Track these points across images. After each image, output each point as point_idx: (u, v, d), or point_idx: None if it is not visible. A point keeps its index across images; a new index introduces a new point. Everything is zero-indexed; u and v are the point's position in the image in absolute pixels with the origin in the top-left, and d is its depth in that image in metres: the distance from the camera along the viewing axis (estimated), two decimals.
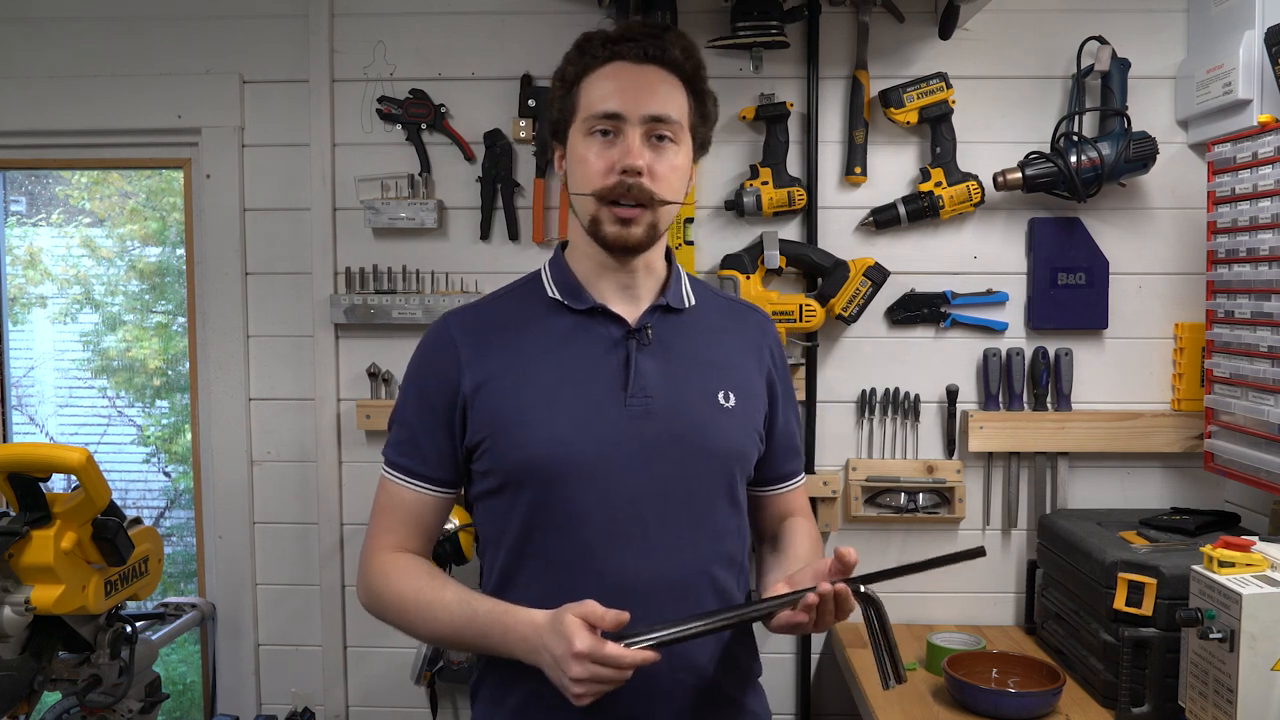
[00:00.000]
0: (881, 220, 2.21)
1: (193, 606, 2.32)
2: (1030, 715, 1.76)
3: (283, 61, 2.28)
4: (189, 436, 2.51)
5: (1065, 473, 2.26)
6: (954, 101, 2.16)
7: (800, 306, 2.17)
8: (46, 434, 2.76)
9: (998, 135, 2.22)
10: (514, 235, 2.28)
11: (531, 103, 2.24)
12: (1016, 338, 2.26)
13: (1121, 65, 2.15)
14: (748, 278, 2.17)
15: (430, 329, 1.35)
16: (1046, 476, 2.25)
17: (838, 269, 2.18)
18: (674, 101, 1.26)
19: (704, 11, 2.20)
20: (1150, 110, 2.20)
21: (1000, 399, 2.24)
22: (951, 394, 2.25)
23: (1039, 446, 2.23)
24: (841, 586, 1.14)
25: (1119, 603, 1.75)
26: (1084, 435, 2.22)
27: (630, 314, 1.31)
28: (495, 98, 2.27)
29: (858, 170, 2.22)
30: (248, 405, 2.34)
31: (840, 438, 2.29)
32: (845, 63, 2.23)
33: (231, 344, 2.33)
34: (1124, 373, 2.26)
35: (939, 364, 2.27)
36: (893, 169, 2.25)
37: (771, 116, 2.19)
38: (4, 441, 2.52)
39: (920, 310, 2.26)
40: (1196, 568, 1.56)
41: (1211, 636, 1.46)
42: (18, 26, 2.30)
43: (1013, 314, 2.27)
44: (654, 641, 1.11)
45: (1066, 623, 1.99)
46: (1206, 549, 1.55)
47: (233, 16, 2.29)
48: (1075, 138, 2.13)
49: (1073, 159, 2.11)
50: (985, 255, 2.25)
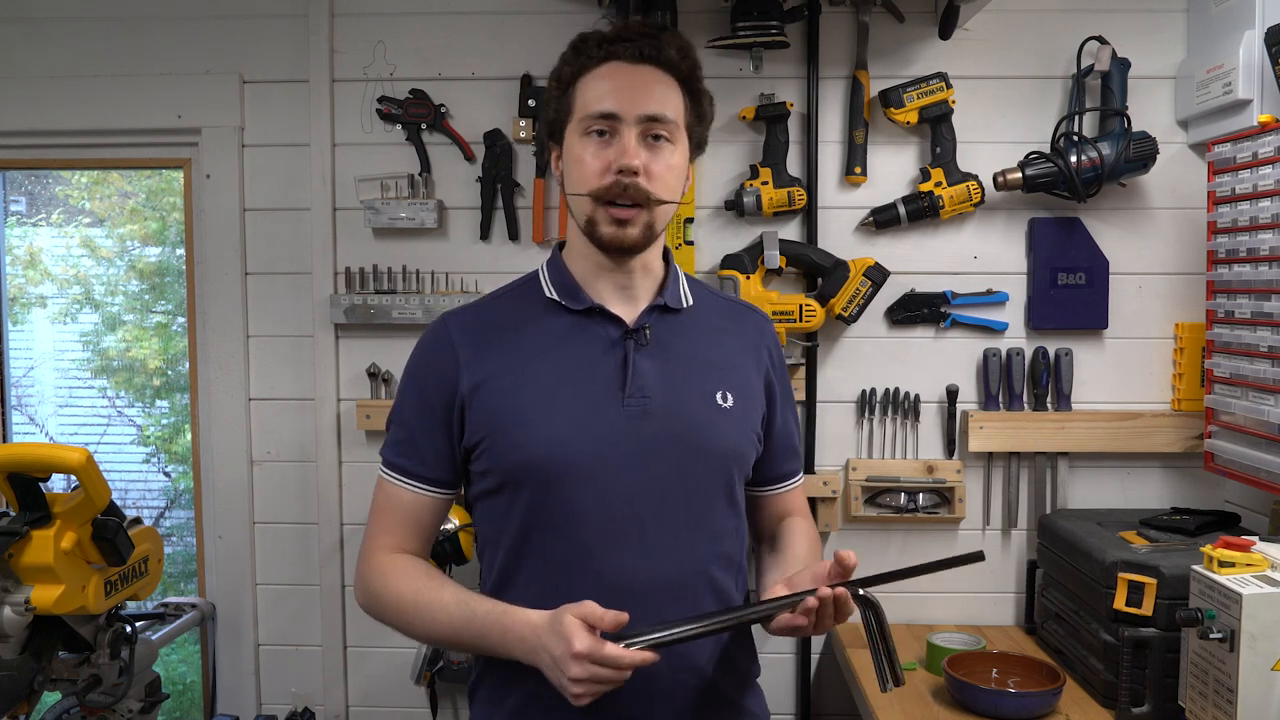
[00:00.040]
0: (881, 220, 2.21)
1: (193, 606, 2.32)
2: (1030, 715, 1.76)
3: (283, 61, 2.29)
4: (189, 436, 2.51)
5: (1065, 473, 2.26)
6: (954, 101, 2.16)
7: (800, 306, 2.17)
8: (46, 434, 2.76)
9: (998, 135, 2.22)
10: (514, 235, 2.28)
11: (531, 103, 2.24)
12: (1016, 338, 2.26)
13: (1121, 65, 2.14)
14: (748, 278, 2.17)
15: (428, 329, 1.35)
16: (1046, 476, 2.25)
17: (838, 269, 2.18)
18: (670, 101, 1.26)
19: (704, 11, 2.20)
20: (1150, 110, 2.20)
21: (1000, 399, 2.24)
22: (951, 394, 2.25)
23: (1039, 446, 2.23)
24: (841, 590, 1.14)
25: (1119, 603, 1.75)
26: (1084, 435, 2.22)
27: (628, 314, 1.31)
28: (495, 98, 2.27)
29: (858, 170, 2.22)
30: (248, 405, 2.34)
31: (840, 438, 2.29)
32: (845, 63, 2.23)
33: (231, 344, 2.33)
34: (1124, 373, 2.26)
35: (939, 364, 2.27)
36: (893, 169, 2.25)
37: (771, 116, 2.19)
38: (4, 441, 2.52)
39: (920, 310, 2.26)
40: (1196, 568, 1.56)
41: (1211, 636, 1.46)
42: (18, 26, 2.31)
43: (1013, 314, 2.27)
44: (653, 642, 1.11)
45: (1066, 623, 1.99)
46: (1206, 549, 1.55)
47: (233, 16, 2.29)
48: (1075, 138, 2.13)
49: (1073, 159, 2.11)
50: (985, 255, 2.26)
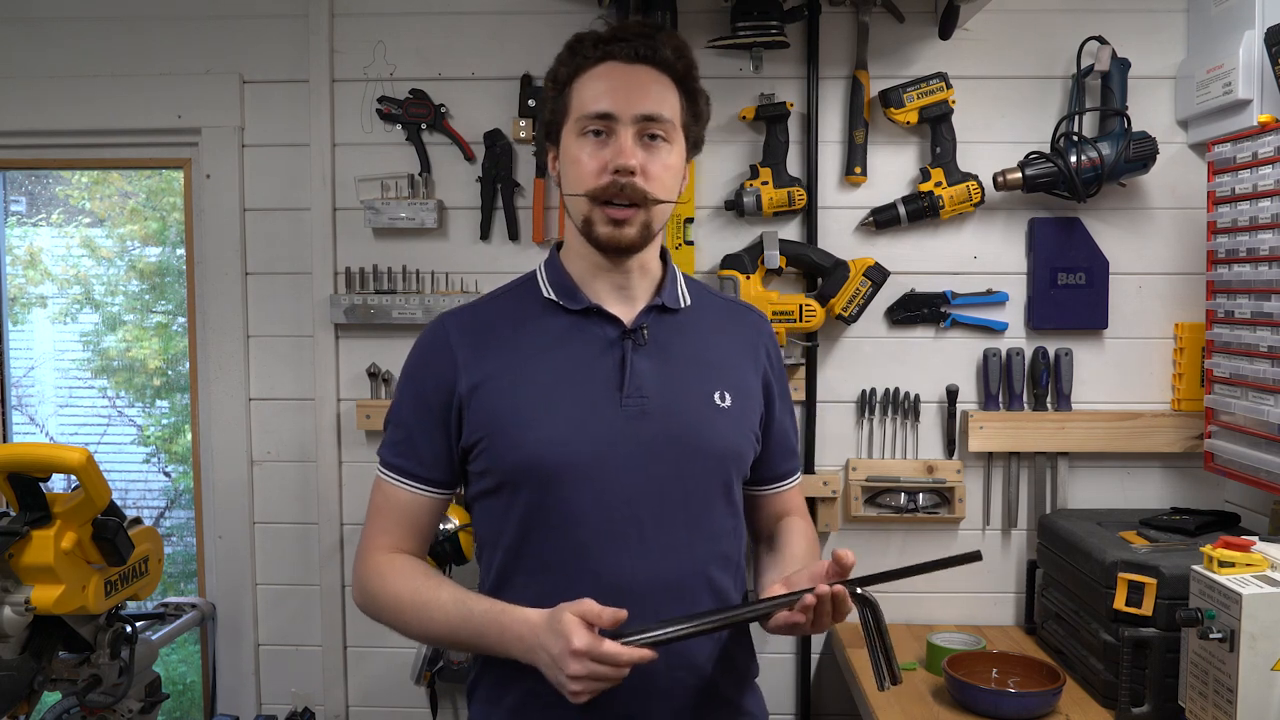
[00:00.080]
0: (881, 220, 2.21)
1: (193, 606, 2.32)
2: (1030, 715, 1.76)
3: (283, 61, 2.29)
4: (189, 436, 2.51)
5: (1065, 473, 2.25)
6: (954, 101, 2.16)
7: (800, 306, 2.17)
8: (46, 434, 2.76)
9: (998, 135, 2.22)
10: (514, 235, 2.28)
11: (531, 103, 2.24)
12: (1016, 338, 2.26)
13: (1121, 65, 2.14)
14: (748, 278, 2.17)
15: (426, 329, 1.35)
16: (1046, 476, 2.25)
17: (838, 269, 2.18)
18: (666, 101, 1.26)
19: (704, 11, 2.20)
20: (1150, 110, 2.20)
21: (1000, 399, 2.24)
22: (951, 394, 2.25)
23: (1039, 446, 2.23)
24: (839, 588, 1.14)
25: (1119, 603, 1.75)
26: (1084, 435, 2.22)
27: (626, 314, 1.31)
28: (495, 98, 2.27)
29: (858, 170, 2.22)
30: (248, 405, 2.34)
31: (840, 438, 2.29)
32: (845, 63, 2.23)
33: (231, 344, 2.33)
34: (1124, 373, 2.26)
35: (939, 364, 2.27)
36: (893, 169, 2.25)
37: (771, 116, 2.19)
38: (4, 441, 2.52)
39: (920, 310, 2.25)
40: (1196, 568, 1.56)
41: (1211, 636, 1.46)
42: (18, 26, 2.31)
43: (1013, 314, 2.26)
44: (651, 640, 1.11)
45: (1066, 623, 1.99)
46: (1206, 549, 1.55)
47: (233, 16, 2.29)
48: (1075, 138, 2.13)
49: (1073, 159, 2.11)
50: (985, 255, 2.25)
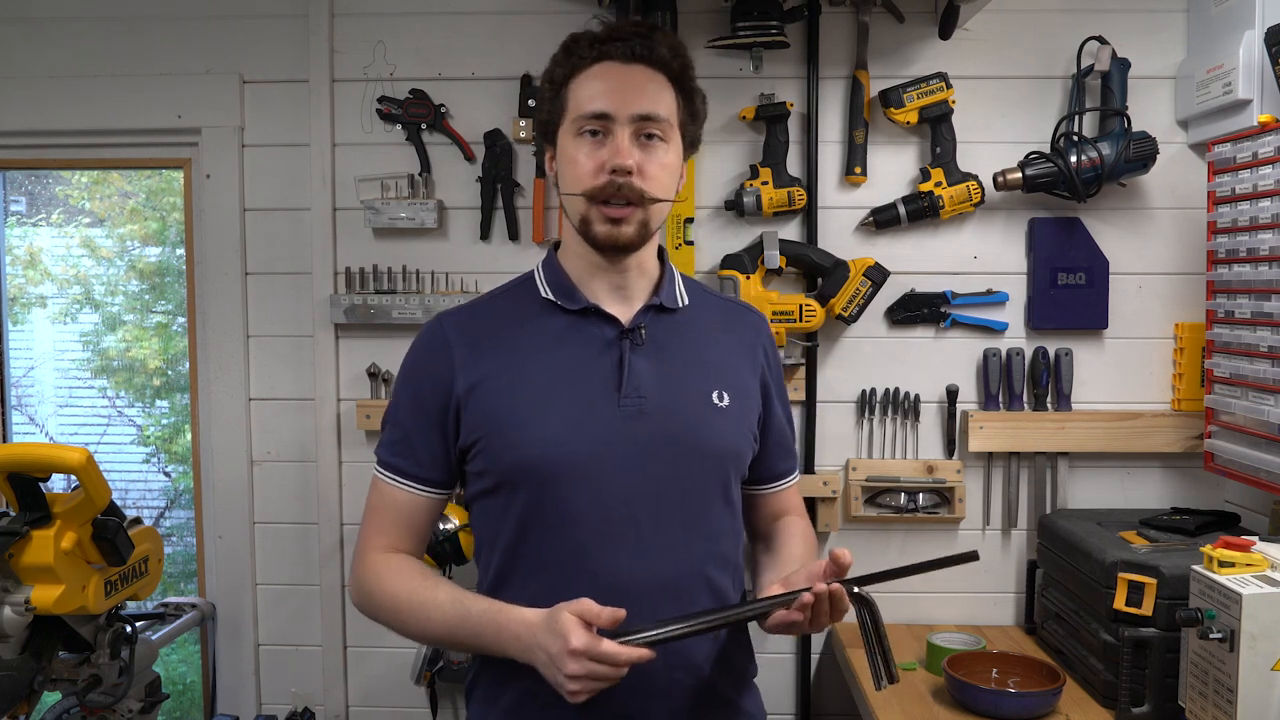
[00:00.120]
0: (881, 220, 2.21)
1: (193, 606, 2.32)
2: (1030, 715, 1.76)
3: (283, 61, 2.29)
4: (189, 436, 2.51)
5: (1065, 473, 2.25)
6: (954, 101, 2.16)
7: (800, 306, 2.17)
8: (46, 434, 2.76)
9: (998, 135, 2.22)
10: (514, 235, 2.28)
11: (531, 103, 2.24)
12: (1016, 338, 2.26)
13: (1121, 65, 2.14)
14: (748, 278, 2.17)
15: (424, 329, 1.35)
16: (1046, 476, 2.25)
17: (838, 269, 2.18)
18: (663, 100, 1.26)
19: (704, 11, 2.20)
20: (1150, 110, 2.20)
21: (1000, 399, 2.24)
22: (951, 394, 2.25)
23: (1039, 446, 2.23)
24: (837, 587, 1.14)
25: (1119, 603, 1.75)
26: (1084, 435, 2.22)
27: (623, 314, 1.31)
28: (495, 98, 2.27)
29: (858, 170, 2.22)
30: (248, 405, 2.34)
31: (840, 438, 2.29)
32: (845, 63, 2.23)
33: (231, 344, 2.33)
34: (1124, 373, 2.26)
35: (939, 364, 2.27)
36: (893, 169, 2.25)
37: (771, 116, 2.19)
38: (4, 441, 2.52)
39: (920, 310, 2.25)
40: (1196, 568, 1.56)
41: (1211, 636, 1.46)
42: (18, 26, 2.31)
43: (1013, 314, 2.26)
44: (649, 639, 1.11)
45: (1066, 623, 1.99)
46: (1206, 549, 1.55)
47: (233, 16, 2.29)
48: (1075, 138, 2.13)
49: (1073, 159, 2.11)
50: (985, 255, 2.25)
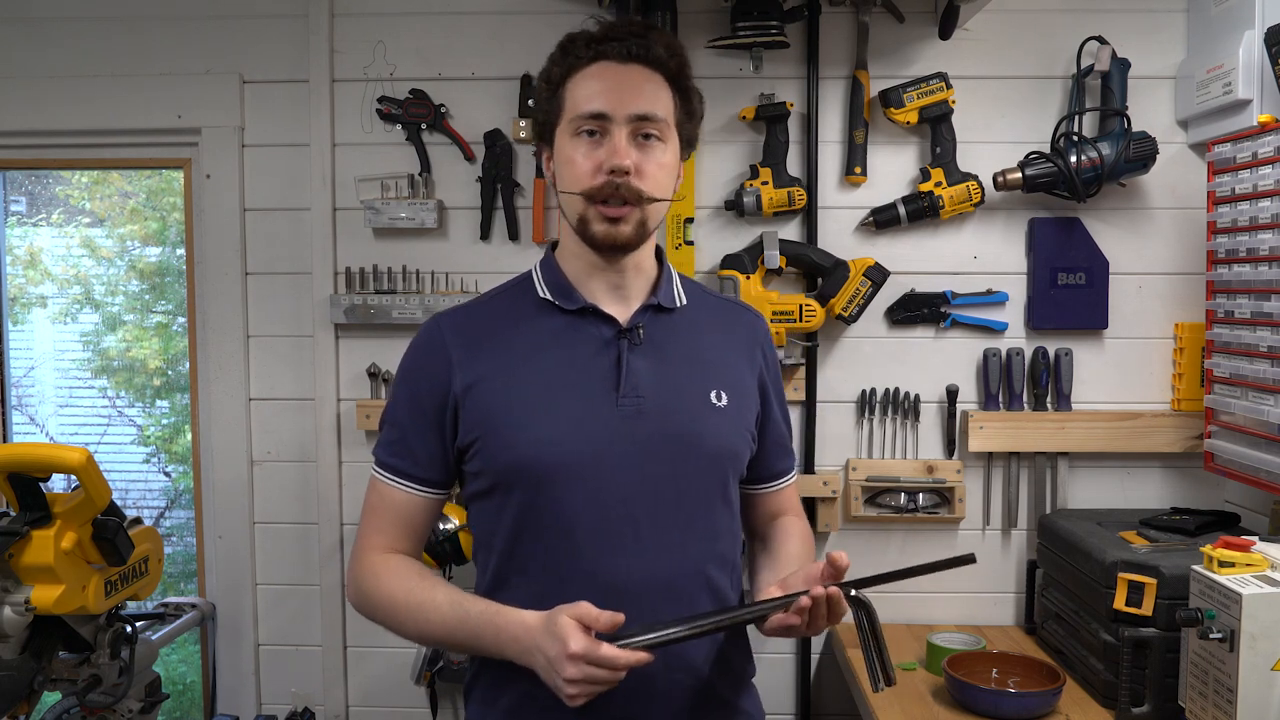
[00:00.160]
0: (881, 220, 2.21)
1: (193, 606, 2.32)
2: (1030, 715, 1.76)
3: (283, 61, 2.29)
4: (189, 436, 2.51)
5: (1065, 473, 2.26)
6: (954, 101, 2.16)
7: (800, 306, 2.17)
8: (46, 434, 2.76)
9: (998, 135, 2.22)
10: (514, 235, 2.28)
11: (531, 102, 2.23)
12: (1016, 338, 2.26)
13: (1121, 65, 2.14)
14: (748, 278, 2.17)
15: (421, 330, 1.35)
16: (1046, 476, 2.25)
17: (838, 269, 2.18)
18: (660, 100, 1.26)
19: (704, 11, 2.20)
20: (1150, 110, 2.20)
21: (1000, 399, 2.24)
22: (951, 394, 2.25)
23: (1039, 446, 2.23)
24: (834, 591, 1.14)
25: (1119, 603, 1.75)
26: (1084, 435, 2.22)
27: (621, 314, 1.31)
28: (495, 98, 2.27)
29: (858, 170, 2.22)
30: (248, 405, 2.34)
31: (840, 438, 2.29)
32: (845, 63, 2.23)
33: (231, 344, 2.33)
34: (1124, 373, 2.26)
35: (939, 364, 2.27)
36: (893, 169, 2.25)
37: (771, 116, 2.19)
38: (4, 441, 2.52)
39: (920, 310, 2.25)
40: (1196, 568, 1.56)
41: (1211, 636, 1.46)
42: (18, 26, 2.31)
43: (1013, 314, 2.27)
44: (648, 643, 1.11)
45: (1066, 623, 1.99)
46: (1206, 549, 1.55)
47: (233, 16, 2.29)
48: (1075, 138, 2.13)
49: (1073, 159, 2.11)
50: (985, 255, 2.26)
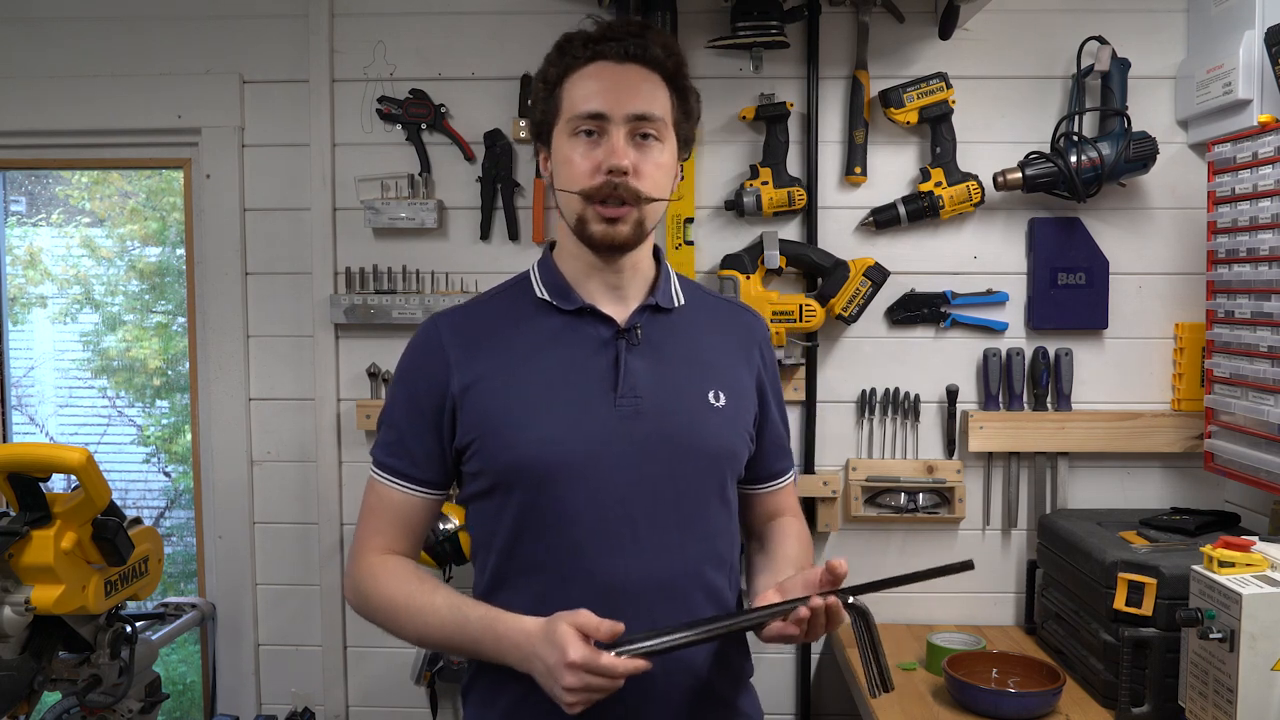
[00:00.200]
0: (881, 220, 2.21)
1: (193, 606, 2.32)
2: (1030, 715, 1.76)
3: (283, 61, 2.29)
4: (189, 436, 2.51)
5: (1065, 473, 2.25)
6: (954, 101, 2.16)
7: (800, 306, 2.17)
8: (46, 434, 2.76)
9: (998, 135, 2.22)
10: (514, 235, 2.28)
11: (530, 102, 2.23)
12: (1016, 338, 2.26)
13: (1121, 65, 2.14)
14: (748, 278, 2.17)
15: (419, 330, 1.34)
16: (1046, 476, 2.25)
17: (838, 269, 2.18)
18: (657, 100, 1.26)
19: (704, 11, 2.20)
20: (1150, 110, 2.20)
21: (1000, 399, 2.24)
22: (951, 394, 2.25)
23: (1039, 446, 2.23)
24: (832, 600, 1.14)
25: (1119, 603, 1.75)
26: (1084, 435, 2.22)
27: (619, 314, 1.30)
28: (495, 98, 2.27)
29: (858, 170, 2.22)
30: (248, 405, 2.34)
31: (840, 438, 2.29)
32: (845, 63, 2.23)
33: (231, 344, 2.33)
34: (1124, 373, 2.26)
35: (939, 364, 2.27)
36: (893, 169, 2.25)
37: (771, 116, 2.19)
38: (4, 441, 2.52)
39: (920, 310, 2.25)
40: (1196, 568, 1.56)
41: (1211, 636, 1.46)
42: (18, 26, 2.31)
43: (1013, 314, 2.26)
44: (647, 650, 1.11)
45: (1066, 623, 1.99)
46: (1206, 549, 1.55)
47: (233, 16, 2.29)
48: (1075, 138, 2.13)
49: (1073, 159, 2.11)
50: (985, 255, 2.25)
